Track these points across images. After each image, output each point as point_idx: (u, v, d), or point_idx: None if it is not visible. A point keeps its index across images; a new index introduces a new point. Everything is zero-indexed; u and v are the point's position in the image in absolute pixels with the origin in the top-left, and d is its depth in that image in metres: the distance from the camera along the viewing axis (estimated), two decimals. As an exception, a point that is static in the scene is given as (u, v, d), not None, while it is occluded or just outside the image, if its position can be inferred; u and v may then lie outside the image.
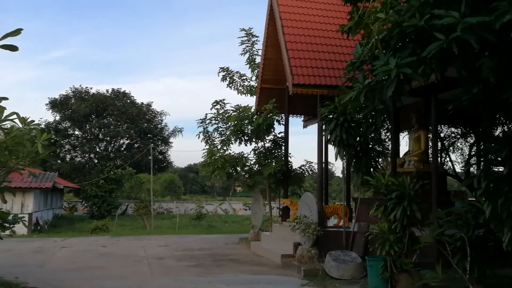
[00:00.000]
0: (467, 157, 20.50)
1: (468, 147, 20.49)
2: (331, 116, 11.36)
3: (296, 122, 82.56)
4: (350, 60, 5.80)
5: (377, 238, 8.42)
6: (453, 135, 20.70)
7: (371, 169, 11.76)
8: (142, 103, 44.16)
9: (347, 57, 13.27)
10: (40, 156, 8.09)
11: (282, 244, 13.26)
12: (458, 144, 21.16)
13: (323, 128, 11.81)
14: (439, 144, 18.40)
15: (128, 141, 43.32)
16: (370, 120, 13.68)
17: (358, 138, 11.59)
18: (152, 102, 45.64)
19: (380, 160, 12.31)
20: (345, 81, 6.07)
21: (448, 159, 20.49)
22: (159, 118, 44.87)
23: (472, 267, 7.24)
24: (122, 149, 43.23)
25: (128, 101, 43.27)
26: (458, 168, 20.66)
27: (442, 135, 19.51)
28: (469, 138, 20.26)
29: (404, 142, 20.68)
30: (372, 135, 13.15)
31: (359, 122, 11.74)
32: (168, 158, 45.82)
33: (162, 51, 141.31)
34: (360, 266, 10.14)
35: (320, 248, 11.48)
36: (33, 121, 7.90)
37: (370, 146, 11.96)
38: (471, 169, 20.96)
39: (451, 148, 20.89)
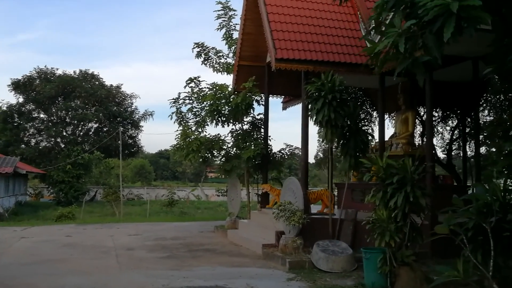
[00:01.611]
0: (448, 141, 19.93)
1: (450, 131, 19.92)
2: (318, 94, 10.43)
3: (272, 107, 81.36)
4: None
5: (375, 227, 7.51)
6: (433, 118, 20.10)
7: (359, 152, 10.96)
8: (111, 85, 42.46)
9: (333, 30, 12.32)
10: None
11: (262, 233, 12.32)
12: (438, 128, 20.61)
13: (309, 107, 10.87)
14: (420, 127, 17.77)
15: (97, 124, 41.62)
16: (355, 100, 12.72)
17: (346, 118, 10.74)
18: (121, 85, 44.01)
19: (368, 142, 11.50)
20: (371, 28, 4.93)
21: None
22: (129, 101, 43.25)
23: (485, 259, 6.43)
24: (91, 133, 41.52)
25: (97, 83, 41.49)
26: (439, 153, 20.12)
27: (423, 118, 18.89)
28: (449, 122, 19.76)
29: (385, 125, 20.00)
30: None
31: (347, 100, 10.84)
32: (138, 143, 44.30)
33: (133, 36, 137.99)
34: (351, 257, 9.26)
35: (305, 237, 10.56)
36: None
37: (359, 127, 11.11)
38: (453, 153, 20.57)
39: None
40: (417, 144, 15.21)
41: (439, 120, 19.93)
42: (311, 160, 58.89)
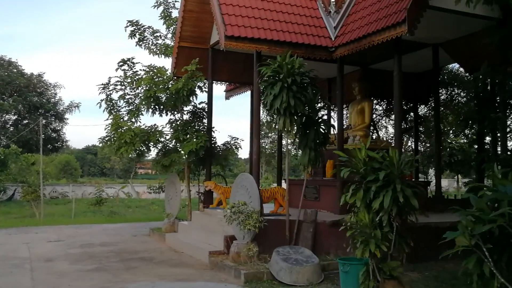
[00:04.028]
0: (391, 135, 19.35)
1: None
2: (275, 78, 9.01)
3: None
4: None
5: (355, 234, 6.20)
6: (377, 112, 19.48)
7: (319, 145, 9.73)
8: (32, 73, 38.94)
9: (289, 8, 10.98)
10: None
11: (207, 237, 10.76)
12: (382, 122, 20.04)
13: (263, 92, 9.43)
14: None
15: (16, 116, 38.00)
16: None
17: (306, 106, 9.44)
18: (43, 73, 40.57)
19: (329, 134, 10.29)
20: None
21: (376, 135, 19.17)
22: (53, 91, 39.87)
23: (492, 272, 5.28)
24: (8, 125, 37.85)
25: (15, 70, 37.82)
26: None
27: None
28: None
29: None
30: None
31: (308, 85, 9.49)
32: (63, 137, 41.03)
33: (62, 26, 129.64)
34: (318, 267, 7.93)
35: (259, 243, 9.13)
36: None
37: (319, 116, 9.87)
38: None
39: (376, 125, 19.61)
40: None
41: (383, 113, 19.30)
42: (244, 156, 57.24)
